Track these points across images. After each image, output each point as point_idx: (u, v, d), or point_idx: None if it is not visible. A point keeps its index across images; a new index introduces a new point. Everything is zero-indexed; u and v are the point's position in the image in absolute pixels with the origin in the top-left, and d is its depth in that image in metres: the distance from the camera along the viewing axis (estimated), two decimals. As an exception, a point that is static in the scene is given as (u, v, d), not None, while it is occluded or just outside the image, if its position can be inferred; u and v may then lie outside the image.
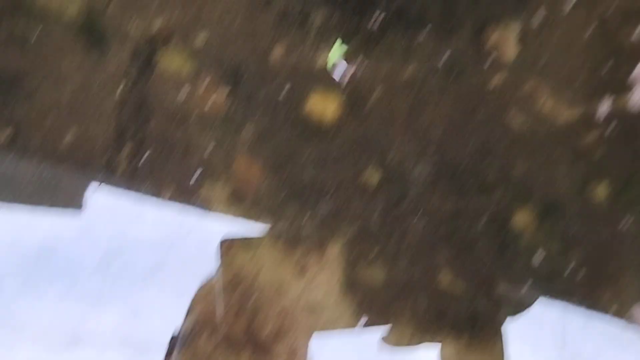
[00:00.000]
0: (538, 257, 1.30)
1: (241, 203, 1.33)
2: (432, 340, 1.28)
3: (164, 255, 1.15)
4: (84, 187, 1.43)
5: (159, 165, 1.31)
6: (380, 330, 1.33)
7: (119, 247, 1.17)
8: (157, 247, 1.15)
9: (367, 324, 1.28)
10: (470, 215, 1.32)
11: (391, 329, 1.28)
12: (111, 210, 1.21)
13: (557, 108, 1.25)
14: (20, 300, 1.14)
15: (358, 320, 1.29)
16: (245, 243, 1.33)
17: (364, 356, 1.25)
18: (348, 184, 1.34)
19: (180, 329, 1.26)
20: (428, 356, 1.35)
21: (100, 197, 1.35)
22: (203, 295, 1.28)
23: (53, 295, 1.14)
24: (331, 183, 1.34)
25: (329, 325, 1.28)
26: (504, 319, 1.36)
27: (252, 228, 1.32)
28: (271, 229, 1.33)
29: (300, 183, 1.32)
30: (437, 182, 1.32)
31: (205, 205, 1.32)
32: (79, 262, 1.17)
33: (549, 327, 1.22)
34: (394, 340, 1.32)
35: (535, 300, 1.39)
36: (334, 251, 1.33)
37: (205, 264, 1.29)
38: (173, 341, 1.26)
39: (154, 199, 1.37)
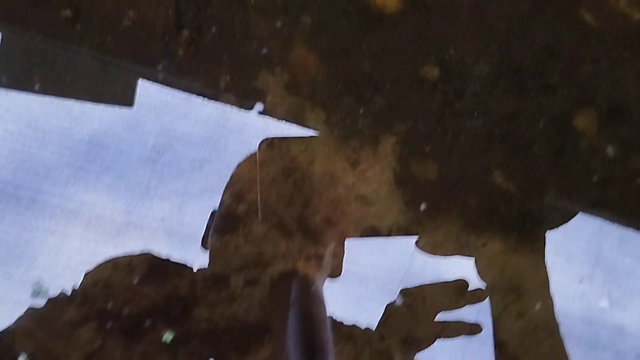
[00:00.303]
0: (595, 163, 1.28)
1: (296, 94, 1.33)
2: (477, 240, 1.29)
3: (209, 152, 1.16)
4: (134, 84, 1.43)
5: (216, 52, 1.31)
6: (417, 237, 1.34)
7: (166, 143, 1.17)
8: (203, 145, 1.16)
9: (413, 221, 1.29)
10: (529, 116, 1.30)
11: (433, 233, 1.29)
12: (159, 107, 1.21)
13: (631, 6, 1.20)
14: (73, 190, 1.16)
15: (405, 215, 1.29)
16: (293, 139, 1.33)
17: (394, 264, 1.26)
18: (405, 79, 1.32)
19: (220, 206, 1.29)
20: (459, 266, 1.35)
21: (150, 94, 1.35)
22: (246, 171, 1.30)
23: (103, 186, 1.16)
24: (388, 77, 1.33)
25: (378, 218, 1.30)
26: (551, 225, 1.36)
27: (295, 130, 1.32)
28: (325, 121, 1.32)
29: (357, 75, 1.31)
30: (498, 81, 1.30)
31: (260, 95, 1.32)
32: (127, 155, 1.18)
33: (585, 241, 1.21)
34: (430, 246, 1.32)
35: (578, 211, 1.37)
36: (387, 146, 1.33)
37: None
38: (213, 215, 1.29)
39: (201, 97, 1.37)
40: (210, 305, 1.31)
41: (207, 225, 1.32)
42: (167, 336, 1.29)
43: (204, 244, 1.32)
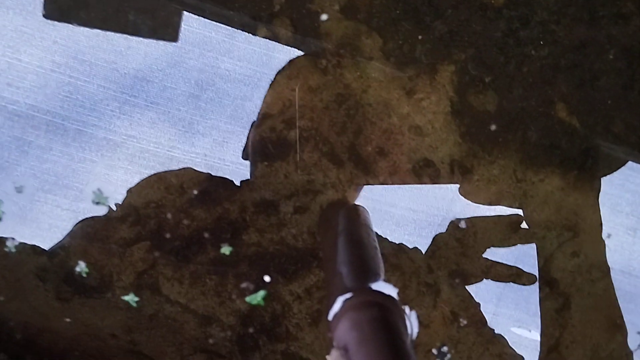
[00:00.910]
0: (666, 99, 1.22)
1: (353, 18, 1.29)
2: (534, 175, 1.25)
3: (252, 90, 1.14)
4: (179, 19, 1.41)
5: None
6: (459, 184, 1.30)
7: (209, 80, 1.16)
8: (246, 82, 1.14)
9: (468, 154, 1.26)
10: (598, 47, 1.23)
11: (488, 166, 1.25)
12: (203, 43, 1.19)
13: None
14: (118, 123, 1.17)
15: (460, 148, 1.26)
16: (348, 65, 1.30)
17: (433, 209, 1.23)
18: (468, 4, 1.27)
19: (270, 132, 1.28)
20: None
21: (194, 30, 1.33)
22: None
23: (147, 120, 1.16)
24: (449, 1, 1.28)
25: (432, 150, 1.27)
26: (605, 170, 1.31)
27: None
28: (382, 48, 1.29)
29: (416, 0, 1.26)
30: (567, 9, 1.23)
31: (315, 17, 1.29)
32: (171, 91, 1.17)
33: (631, 193, 1.16)
34: (474, 190, 1.29)
35: (628, 159, 1.32)
36: (445, 75, 1.29)
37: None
38: (253, 126, 1.29)
39: (244, 34, 1.34)
40: (260, 230, 1.32)
41: (247, 135, 1.32)
42: (226, 249, 1.32)
43: (244, 155, 1.32)
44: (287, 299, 1.31)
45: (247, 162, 1.35)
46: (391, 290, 0.97)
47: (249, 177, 1.31)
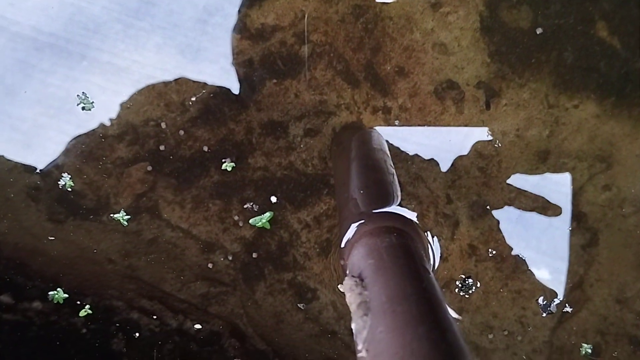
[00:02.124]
0: None
1: None
2: (568, 100, 1.14)
3: None
4: None
5: None
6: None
7: (217, 4, 1.05)
8: None
9: (497, 76, 1.15)
10: (650, -44, 1.10)
11: (518, 90, 1.14)
12: None
13: None
14: (123, 47, 1.08)
15: (488, 69, 1.15)
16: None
17: (445, 144, 1.13)
18: None
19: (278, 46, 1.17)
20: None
21: None
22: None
23: (153, 45, 1.08)
24: None
25: (457, 70, 1.16)
26: None
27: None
28: (406, -47, 1.16)
29: None
30: None
31: None
32: (178, 16, 1.07)
33: None
34: (501, 115, 1.18)
35: None
36: (476, -13, 1.17)
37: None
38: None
39: None
40: (267, 153, 1.23)
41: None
42: (228, 164, 1.23)
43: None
44: (295, 227, 1.24)
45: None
46: (411, 215, 0.88)
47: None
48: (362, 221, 0.82)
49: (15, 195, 1.20)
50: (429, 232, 1.21)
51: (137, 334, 1.22)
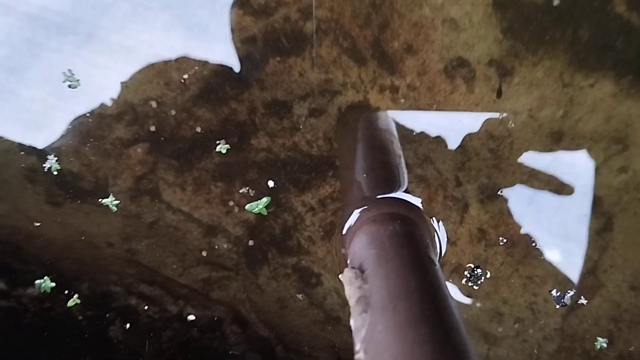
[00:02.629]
0: None
1: None
2: (584, 79, 1.09)
3: None
4: None
5: None
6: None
7: None
8: None
9: (509, 53, 1.10)
10: None
11: (532, 68, 1.10)
12: None
13: None
14: (131, 27, 1.04)
15: (501, 46, 1.10)
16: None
17: (455, 125, 1.09)
18: None
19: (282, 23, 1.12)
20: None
21: None
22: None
23: (160, 25, 1.05)
24: None
25: (468, 47, 1.11)
26: None
27: None
28: None
29: None
30: None
31: None
32: None
33: None
34: (513, 94, 1.14)
35: None
36: (488, -40, 1.11)
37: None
38: None
39: None
40: (271, 134, 1.19)
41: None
42: (222, 147, 1.19)
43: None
44: (299, 210, 1.20)
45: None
46: (416, 201, 0.84)
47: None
48: (365, 207, 0.78)
49: (12, 177, 1.17)
50: (434, 218, 1.17)
51: (136, 321, 1.19)
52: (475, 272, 1.17)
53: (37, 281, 1.10)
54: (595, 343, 1.17)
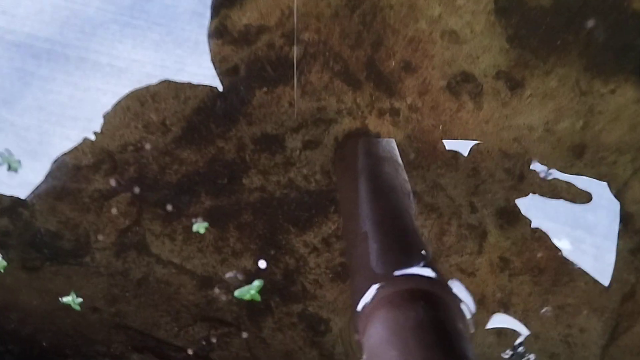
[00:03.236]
0: None
1: None
2: (603, 86, 0.97)
3: None
4: None
5: None
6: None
7: None
8: None
9: (518, 63, 0.98)
10: None
11: (544, 78, 0.98)
12: None
13: None
14: (121, 47, 1.00)
15: (508, 56, 0.98)
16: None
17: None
18: None
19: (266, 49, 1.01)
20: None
21: None
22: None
23: (150, 43, 1.02)
24: None
25: (471, 60, 0.99)
26: None
27: None
28: None
29: None
30: None
31: None
32: (173, 9, 0.97)
33: None
34: (540, 96, 1.02)
35: None
36: (486, -38, 1.00)
37: None
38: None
39: None
40: (263, 171, 1.08)
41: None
42: (199, 226, 1.08)
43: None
44: (302, 251, 1.09)
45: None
46: (437, 274, 0.71)
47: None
48: (380, 285, 0.65)
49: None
50: (448, 251, 1.05)
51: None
52: (518, 350, 1.04)
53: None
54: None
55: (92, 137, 1.09)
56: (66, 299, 0.98)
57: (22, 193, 1.08)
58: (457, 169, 1.11)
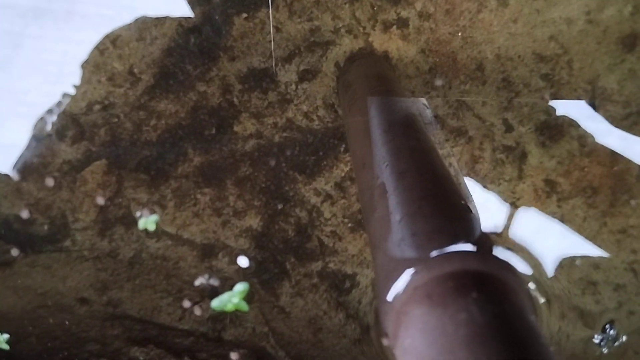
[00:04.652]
0: None
1: None
2: None
3: None
4: None
5: None
6: None
7: None
8: None
9: None
10: None
11: None
12: None
13: None
14: None
15: None
16: None
17: None
18: None
19: None
20: None
21: None
22: None
23: None
24: None
25: None
26: None
27: None
28: None
29: None
30: None
31: None
32: None
33: None
34: None
35: None
36: None
37: None
38: None
39: None
40: (256, 114, 0.90)
41: None
42: (147, 221, 0.90)
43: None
44: (313, 201, 0.92)
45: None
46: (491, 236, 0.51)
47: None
48: (412, 268, 0.46)
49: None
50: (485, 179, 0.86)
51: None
52: (609, 332, 0.87)
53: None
54: None
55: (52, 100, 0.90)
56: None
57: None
58: (484, 82, 0.91)
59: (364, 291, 0.99)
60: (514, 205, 0.97)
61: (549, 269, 0.93)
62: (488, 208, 0.97)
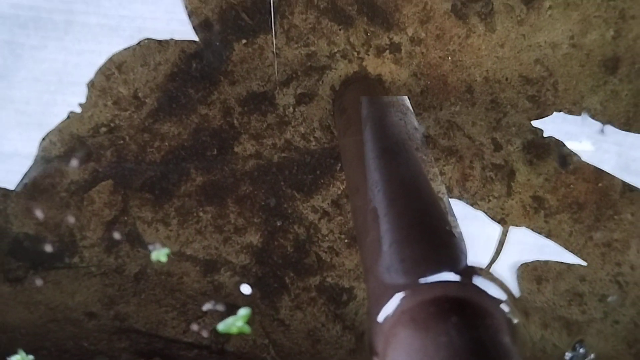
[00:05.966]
0: None
1: None
2: None
3: None
4: None
5: None
6: None
7: None
8: None
9: None
10: None
11: None
12: None
13: None
14: (108, 5, 1.06)
15: None
16: None
17: None
18: None
19: None
20: None
21: None
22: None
23: None
24: None
25: None
26: None
27: None
28: None
29: None
30: None
31: None
32: None
33: None
34: (546, 23, 0.86)
35: None
36: None
37: None
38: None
39: None
40: (256, 136, 0.94)
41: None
42: (158, 254, 0.94)
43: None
44: (311, 218, 0.96)
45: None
46: (471, 263, 0.56)
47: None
48: (399, 292, 0.51)
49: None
50: (474, 196, 0.91)
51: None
52: (578, 350, 0.92)
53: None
54: None
55: (58, 123, 0.95)
56: (15, 358, 0.86)
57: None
58: (474, 103, 0.96)
59: (361, 303, 1.04)
60: (503, 222, 1.01)
61: (527, 285, 0.97)
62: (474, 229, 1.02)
